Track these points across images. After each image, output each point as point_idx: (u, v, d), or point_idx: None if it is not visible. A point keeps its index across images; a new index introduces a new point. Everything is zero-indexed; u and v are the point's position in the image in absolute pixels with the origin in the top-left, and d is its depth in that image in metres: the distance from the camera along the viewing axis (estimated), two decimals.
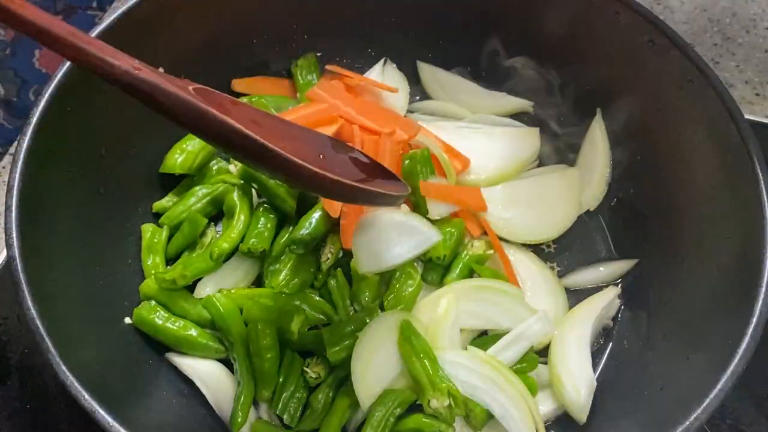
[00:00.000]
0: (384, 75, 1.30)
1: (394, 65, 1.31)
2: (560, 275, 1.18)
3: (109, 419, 0.80)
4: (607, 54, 1.17)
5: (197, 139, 1.14)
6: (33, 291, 0.86)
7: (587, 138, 1.23)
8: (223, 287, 1.07)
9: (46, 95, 0.95)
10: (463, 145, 1.22)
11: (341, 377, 1.01)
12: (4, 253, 0.95)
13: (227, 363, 1.05)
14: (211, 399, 1.02)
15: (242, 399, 0.98)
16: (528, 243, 1.19)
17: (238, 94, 1.24)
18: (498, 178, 1.21)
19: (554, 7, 1.17)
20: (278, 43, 1.26)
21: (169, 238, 1.13)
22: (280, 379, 1.01)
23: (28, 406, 1.07)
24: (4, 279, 0.98)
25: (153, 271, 1.08)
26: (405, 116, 1.27)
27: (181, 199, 1.15)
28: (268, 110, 1.16)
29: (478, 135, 1.25)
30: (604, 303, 1.11)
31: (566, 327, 1.08)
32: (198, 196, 1.14)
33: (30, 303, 0.85)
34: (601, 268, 1.18)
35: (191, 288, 1.08)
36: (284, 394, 1.00)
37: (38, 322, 0.84)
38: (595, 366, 1.09)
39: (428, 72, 1.32)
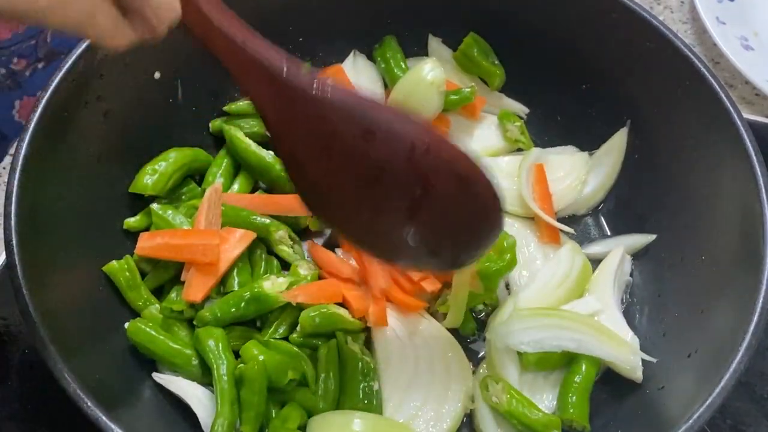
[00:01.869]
0: (355, 66, 1.29)
1: (364, 56, 1.30)
2: None
3: (112, 426, 0.80)
4: (606, 55, 1.17)
5: (170, 160, 1.11)
6: (33, 296, 0.85)
7: (608, 142, 1.22)
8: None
9: (43, 101, 0.94)
10: None
11: None
12: (4, 256, 0.95)
13: None
14: (204, 421, 0.98)
15: (225, 424, 0.94)
16: (526, 216, 1.19)
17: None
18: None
19: (552, 8, 1.17)
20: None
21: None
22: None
23: (27, 407, 1.06)
24: (4, 280, 0.98)
25: (146, 306, 1.05)
26: None
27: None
28: None
29: None
30: (615, 262, 1.12)
31: (592, 298, 1.09)
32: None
33: (31, 308, 0.85)
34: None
35: None
36: None
37: (40, 329, 0.84)
38: None
39: None
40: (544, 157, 1.23)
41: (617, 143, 1.20)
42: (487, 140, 1.27)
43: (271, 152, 1.15)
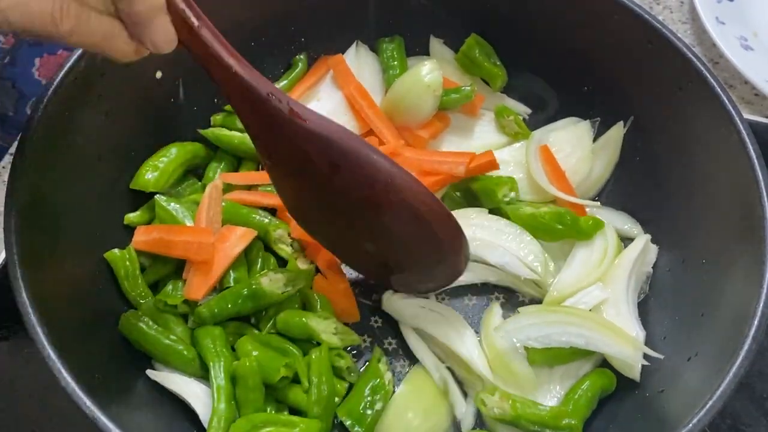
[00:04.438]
0: (357, 57, 1.29)
1: (366, 47, 1.30)
2: None
3: (111, 426, 0.80)
4: (606, 56, 1.17)
5: (171, 156, 1.12)
6: (32, 295, 0.85)
7: (604, 136, 1.22)
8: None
9: (44, 99, 0.94)
10: None
11: None
12: (3, 254, 0.94)
13: None
14: (204, 417, 0.98)
15: (223, 420, 0.94)
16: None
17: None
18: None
19: (554, 10, 1.17)
20: (276, 46, 1.26)
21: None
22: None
23: (28, 407, 1.06)
24: (4, 279, 0.98)
25: (141, 298, 1.05)
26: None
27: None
28: None
29: None
30: (637, 251, 1.11)
31: (597, 288, 1.09)
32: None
33: (29, 308, 0.84)
34: None
35: None
36: None
37: (38, 328, 0.83)
38: None
39: None
40: (547, 137, 1.22)
41: (613, 136, 1.20)
42: (486, 137, 1.27)
43: None
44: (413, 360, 1.08)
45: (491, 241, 1.11)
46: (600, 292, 1.07)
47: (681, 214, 1.10)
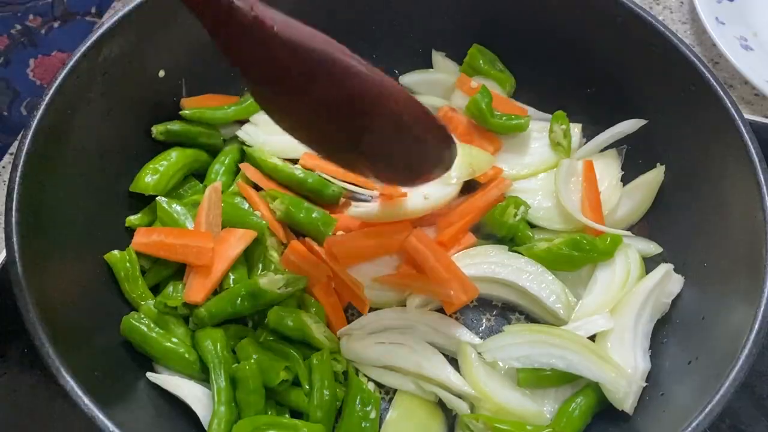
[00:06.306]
0: None
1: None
2: None
3: (110, 425, 0.80)
4: (607, 57, 1.16)
5: (171, 160, 1.12)
6: (32, 293, 0.86)
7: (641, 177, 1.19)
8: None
9: (46, 98, 0.94)
10: None
11: None
12: (4, 253, 0.94)
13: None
14: (204, 419, 0.98)
15: (223, 422, 0.95)
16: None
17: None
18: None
19: (553, 11, 1.17)
20: None
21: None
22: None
23: (28, 406, 1.06)
24: (4, 279, 0.98)
25: (141, 300, 1.05)
26: None
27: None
28: None
29: None
30: (654, 281, 1.06)
31: (602, 317, 1.06)
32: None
33: (30, 306, 0.85)
34: None
35: None
36: None
37: (38, 327, 0.84)
38: None
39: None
40: (574, 166, 1.18)
41: (652, 180, 1.15)
42: (539, 153, 1.23)
43: (299, 167, 1.16)
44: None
45: (511, 281, 1.08)
46: (605, 321, 1.04)
47: (683, 217, 1.11)
